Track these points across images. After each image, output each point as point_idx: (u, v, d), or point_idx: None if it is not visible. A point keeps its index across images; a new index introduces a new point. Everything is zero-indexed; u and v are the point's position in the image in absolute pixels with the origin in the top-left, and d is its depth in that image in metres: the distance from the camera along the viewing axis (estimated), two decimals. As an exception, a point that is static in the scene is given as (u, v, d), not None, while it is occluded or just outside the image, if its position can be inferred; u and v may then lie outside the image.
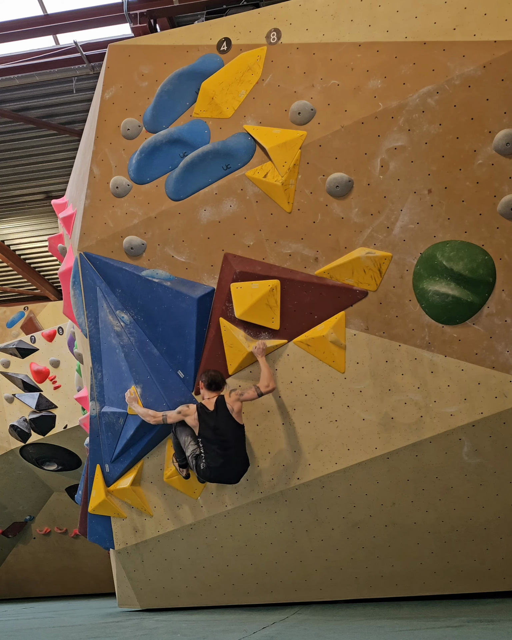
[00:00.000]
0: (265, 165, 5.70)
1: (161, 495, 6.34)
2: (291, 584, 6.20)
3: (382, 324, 5.57)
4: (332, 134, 5.52)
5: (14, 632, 5.91)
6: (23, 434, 10.43)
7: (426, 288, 5.44)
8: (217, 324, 5.91)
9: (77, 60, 10.08)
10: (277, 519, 6.05)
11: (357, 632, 4.47)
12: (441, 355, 5.47)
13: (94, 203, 6.25)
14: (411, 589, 5.95)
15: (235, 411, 5.67)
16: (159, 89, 6.07)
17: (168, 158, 6.03)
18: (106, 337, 6.30)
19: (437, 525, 5.75)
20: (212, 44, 5.98)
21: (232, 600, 6.42)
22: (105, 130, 6.27)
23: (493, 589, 5.79)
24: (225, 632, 4.85)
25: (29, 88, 10.73)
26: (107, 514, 6.56)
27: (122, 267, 6.18)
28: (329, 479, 5.82)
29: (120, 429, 6.21)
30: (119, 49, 6.30)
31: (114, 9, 9.61)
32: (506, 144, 5.18)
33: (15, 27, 9.97)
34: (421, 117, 5.32)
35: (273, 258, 5.78)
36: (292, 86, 5.70)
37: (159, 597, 6.63)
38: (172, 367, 6.13)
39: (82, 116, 11.01)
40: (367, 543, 5.92)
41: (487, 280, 5.33)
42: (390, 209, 5.48)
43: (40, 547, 11.63)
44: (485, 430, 5.45)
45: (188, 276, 6.02)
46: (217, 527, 6.22)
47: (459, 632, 4.19)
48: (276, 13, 5.81)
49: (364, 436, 5.70)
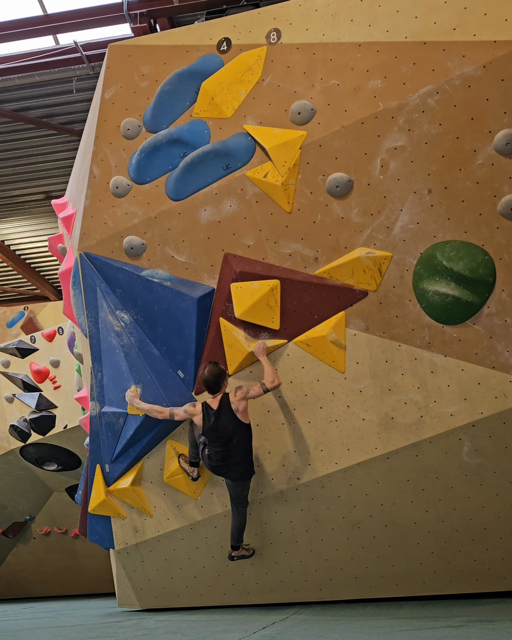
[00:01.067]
0: (265, 165, 5.70)
1: (161, 495, 6.34)
2: (291, 584, 6.20)
3: (382, 324, 5.57)
4: (332, 134, 5.52)
5: (14, 632, 5.91)
6: (23, 434, 10.43)
7: (426, 288, 5.44)
8: (217, 324, 5.91)
9: (77, 60, 10.07)
10: (277, 519, 6.05)
11: (357, 632, 4.47)
12: (441, 355, 5.47)
13: (94, 203, 6.25)
14: (411, 589, 5.95)
15: (240, 410, 5.57)
16: (159, 89, 6.07)
17: (168, 158, 6.03)
18: (106, 337, 6.30)
19: (437, 525, 5.75)
20: (212, 44, 5.98)
21: (232, 600, 6.42)
22: (105, 130, 6.28)
23: (493, 589, 5.79)
24: (225, 632, 4.85)
25: (29, 88, 10.72)
26: (107, 514, 6.56)
27: (122, 267, 6.18)
28: (329, 479, 5.82)
29: (120, 429, 6.20)
30: (119, 49, 6.30)
31: (114, 9, 9.60)
32: (506, 144, 5.18)
33: (15, 27, 9.96)
34: (421, 117, 5.32)
35: (273, 258, 5.78)
36: (292, 86, 5.70)
37: (159, 597, 6.63)
38: (172, 367, 6.13)
39: (82, 116, 11.00)
40: (367, 543, 5.92)
41: (487, 280, 5.33)
42: (390, 209, 5.48)
43: (40, 547, 11.63)
44: (485, 430, 5.45)
45: (188, 276, 6.02)
46: (217, 527, 6.22)
47: (459, 632, 4.19)
48: (276, 13, 5.81)
49: (364, 436, 5.70)
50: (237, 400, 5.58)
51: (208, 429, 5.65)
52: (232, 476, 5.71)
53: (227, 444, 5.60)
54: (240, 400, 5.57)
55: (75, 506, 10.56)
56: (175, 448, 6.19)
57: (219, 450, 5.60)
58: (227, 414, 5.59)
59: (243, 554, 6.04)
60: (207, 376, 5.65)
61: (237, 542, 5.95)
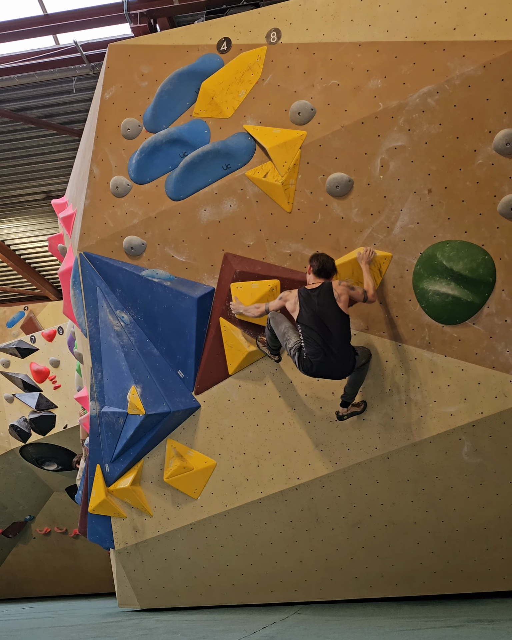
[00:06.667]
0: (265, 165, 5.70)
1: (161, 495, 6.33)
2: (291, 584, 6.20)
3: (382, 324, 5.57)
4: (332, 134, 5.52)
5: (14, 632, 5.90)
6: (23, 433, 10.43)
7: (426, 288, 5.44)
8: (217, 324, 5.91)
9: (77, 60, 10.07)
10: (277, 519, 6.05)
11: (357, 632, 4.47)
12: (441, 355, 5.47)
13: (94, 203, 6.25)
14: (411, 589, 5.95)
15: (342, 301, 5.16)
16: (159, 89, 6.07)
17: (168, 158, 6.03)
18: (106, 337, 6.30)
19: (437, 525, 5.75)
20: (212, 43, 5.98)
21: (232, 600, 6.42)
22: (105, 130, 6.28)
23: (493, 589, 5.79)
24: (225, 632, 4.85)
25: (29, 88, 10.72)
26: (107, 514, 6.56)
27: (122, 267, 6.19)
28: (329, 479, 5.82)
29: (120, 428, 6.20)
30: (119, 49, 6.30)
31: (114, 9, 9.60)
32: (506, 144, 5.18)
33: (15, 27, 9.95)
34: (421, 117, 5.32)
35: (273, 258, 5.78)
36: (292, 86, 5.70)
37: (159, 597, 6.63)
38: (172, 367, 6.13)
39: (82, 116, 11.00)
40: (367, 543, 5.92)
41: (487, 280, 5.33)
42: (390, 208, 5.48)
43: (40, 547, 11.62)
44: (485, 430, 5.45)
45: (188, 276, 6.03)
46: (217, 527, 6.22)
47: (459, 632, 4.19)
48: (276, 13, 5.81)
49: (364, 436, 5.70)
50: (341, 288, 5.20)
51: (307, 314, 5.18)
52: (336, 374, 5.27)
53: (324, 330, 5.12)
54: (344, 290, 5.20)
55: (75, 506, 10.56)
56: (176, 448, 6.19)
57: (317, 342, 5.10)
58: (327, 297, 5.17)
59: (353, 410, 5.59)
60: (327, 259, 5.31)
61: (349, 398, 5.52)
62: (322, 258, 5.32)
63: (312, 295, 5.21)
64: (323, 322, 5.14)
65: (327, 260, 5.31)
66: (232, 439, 6.05)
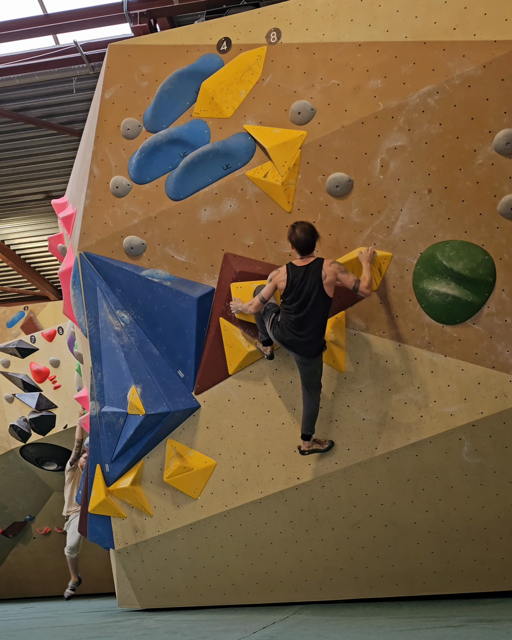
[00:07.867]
0: (265, 165, 5.70)
1: (161, 495, 6.33)
2: (291, 584, 6.20)
3: (382, 324, 5.57)
4: (332, 134, 5.52)
5: (14, 632, 5.90)
6: (23, 433, 10.43)
7: (426, 288, 5.44)
8: (217, 324, 5.92)
9: (77, 60, 10.07)
10: (277, 519, 6.05)
11: (357, 632, 4.47)
12: (441, 355, 5.47)
13: (94, 203, 6.25)
14: (411, 589, 5.95)
15: (327, 282, 5.09)
16: (159, 89, 6.07)
17: (168, 158, 6.03)
18: (106, 337, 6.30)
19: (437, 525, 5.75)
20: (212, 43, 5.98)
21: (232, 600, 6.42)
22: (105, 130, 6.28)
23: (493, 589, 5.79)
24: (225, 632, 4.84)
25: (29, 88, 10.71)
26: (107, 514, 6.56)
27: (122, 267, 6.19)
28: (329, 479, 5.82)
29: (120, 428, 6.20)
30: (119, 49, 6.30)
31: (114, 8, 9.59)
32: (506, 144, 5.18)
33: (15, 27, 9.95)
34: (421, 117, 5.32)
35: (273, 258, 5.78)
36: (292, 86, 5.70)
37: (159, 597, 6.63)
38: (172, 367, 6.14)
39: (82, 116, 10.99)
40: (367, 543, 5.92)
41: (487, 280, 5.33)
42: (390, 208, 5.48)
43: (40, 547, 11.62)
44: (485, 430, 5.45)
45: (188, 276, 6.03)
46: (217, 527, 6.22)
47: (459, 632, 4.19)
48: (276, 13, 5.81)
49: (364, 436, 5.70)
50: (329, 269, 5.13)
51: (290, 286, 5.18)
52: (300, 350, 5.26)
53: (302, 307, 5.13)
54: (333, 272, 5.12)
55: (75, 506, 10.56)
56: (176, 448, 6.19)
57: (292, 315, 5.16)
58: (314, 275, 5.12)
59: (316, 447, 5.57)
60: (300, 235, 5.16)
61: (308, 431, 5.49)
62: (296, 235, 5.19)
63: (301, 270, 5.20)
64: (305, 296, 5.15)
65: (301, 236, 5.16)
66: (232, 439, 6.06)
